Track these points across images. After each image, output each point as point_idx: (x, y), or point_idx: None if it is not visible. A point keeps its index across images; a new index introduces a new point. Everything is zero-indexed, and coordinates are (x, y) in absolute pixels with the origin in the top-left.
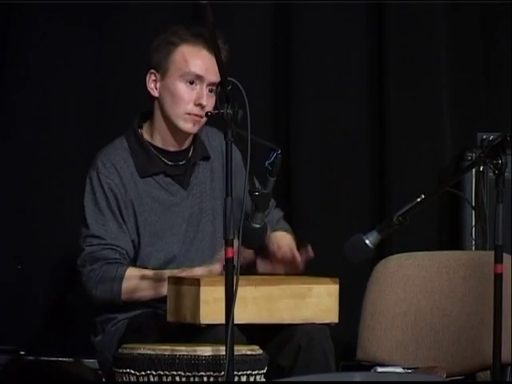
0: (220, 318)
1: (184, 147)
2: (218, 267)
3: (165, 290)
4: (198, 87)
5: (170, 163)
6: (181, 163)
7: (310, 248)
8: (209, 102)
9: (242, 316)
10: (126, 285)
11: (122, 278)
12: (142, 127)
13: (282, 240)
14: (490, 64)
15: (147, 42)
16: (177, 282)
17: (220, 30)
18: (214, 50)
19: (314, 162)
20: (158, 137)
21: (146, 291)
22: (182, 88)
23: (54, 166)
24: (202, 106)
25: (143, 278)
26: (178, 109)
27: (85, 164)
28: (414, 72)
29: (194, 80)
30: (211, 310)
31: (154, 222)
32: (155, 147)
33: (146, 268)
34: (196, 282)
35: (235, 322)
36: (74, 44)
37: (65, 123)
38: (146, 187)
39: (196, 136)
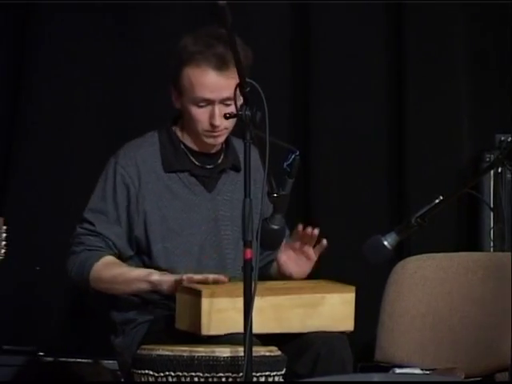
0: (222, 329)
1: (213, 151)
2: (212, 277)
3: (137, 286)
4: (209, 107)
5: (197, 163)
6: (208, 166)
7: (324, 240)
8: (224, 116)
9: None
10: (94, 274)
11: (92, 265)
12: (176, 124)
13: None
14: (508, 66)
15: (167, 44)
16: (183, 291)
17: (238, 31)
18: (233, 52)
19: (333, 163)
20: (189, 138)
21: (106, 285)
22: (195, 110)
23: (72, 168)
24: (214, 126)
25: (112, 268)
26: (196, 128)
27: (104, 162)
28: (433, 74)
29: (204, 103)
30: (212, 321)
31: (172, 219)
32: (186, 146)
33: (156, 267)
34: (198, 293)
35: (241, 331)
36: (95, 44)
37: (86, 124)
38: (168, 182)
39: (228, 144)
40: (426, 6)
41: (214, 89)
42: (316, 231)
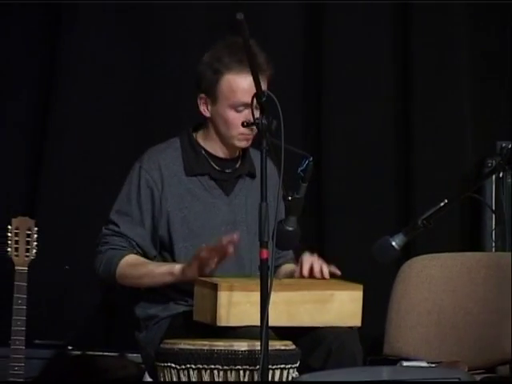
0: (236, 321)
1: (234, 156)
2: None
3: (161, 279)
4: (246, 111)
5: (217, 168)
6: (227, 171)
7: (337, 270)
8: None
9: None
10: (120, 270)
11: (117, 263)
12: (197, 132)
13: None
14: (508, 76)
15: (190, 52)
16: (201, 284)
17: (259, 43)
18: (250, 63)
19: (344, 168)
20: (210, 144)
21: (133, 280)
22: (232, 115)
23: (100, 171)
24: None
25: (137, 266)
26: (232, 132)
27: (129, 168)
28: (438, 85)
29: (242, 107)
30: (228, 313)
31: (192, 219)
32: (206, 151)
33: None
34: (215, 287)
35: (254, 323)
36: (120, 52)
37: (113, 128)
38: (189, 185)
39: (245, 152)
40: (432, 22)
41: (252, 92)
42: (325, 271)
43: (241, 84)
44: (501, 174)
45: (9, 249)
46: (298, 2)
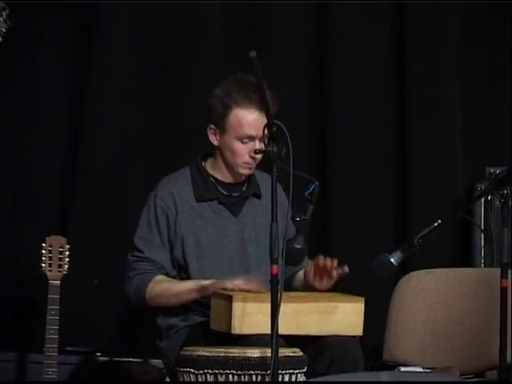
0: (250, 330)
1: (240, 181)
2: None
3: (186, 297)
4: (251, 143)
5: (225, 193)
6: (234, 194)
7: (346, 267)
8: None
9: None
10: (150, 292)
11: (146, 287)
12: (206, 160)
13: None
14: (496, 107)
15: (201, 89)
16: (217, 296)
17: (267, 81)
18: (261, 95)
19: (346, 191)
20: (218, 171)
21: (162, 300)
22: (238, 146)
23: (123, 196)
24: (255, 158)
25: (163, 287)
26: (236, 160)
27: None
28: (432, 116)
29: (247, 139)
30: (242, 322)
31: (204, 241)
32: (214, 178)
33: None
34: (230, 298)
35: (266, 332)
36: (143, 90)
37: (133, 159)
38: (200, 210)
39: (251, 175)
40: (426, 46)
41: (258, 127)
42: (334, 262)
43: (247, 118)
44: (489, 198)
45: (43, 264)
46: (303, 29)
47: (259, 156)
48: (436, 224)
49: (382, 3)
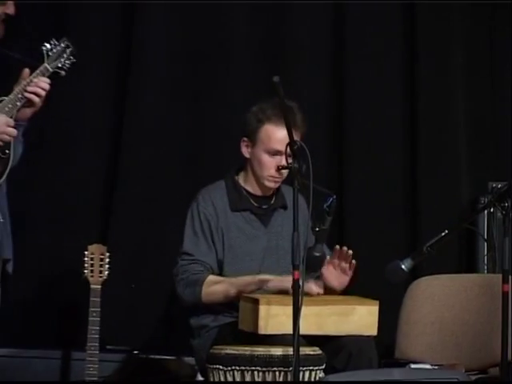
0: (274, 330)
1: (268, 194)
2: (289, 283)
3: (232, 294)
4: (278, 157)
5: (255, 204)
6: (264, 206)
7: (354, 261)
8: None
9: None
10: (205, 290)
11: (202, 284)
12: (238, 174)
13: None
14: (498, 127)
15: (234, 109)
16: (245, 300)
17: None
18: (284, 115)
19: (361, 204)
20: (249, 184)
21: (219, 296)
22: (266, 158)
23: (160, 206)
24: (280, 172)
25: (219, 285)
26: (263, 173)
27: (186, 202)
28: (439, 135)
29: (275, 153)
30: (267, 322)
31: (237, 248)
32: (246, 191)
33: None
34: (257, 301)
35: (288, 332)
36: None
37: (171, 170)
38: (234, 219)
39: (278, 189)
40: (432, 68)
41: (284, 143)
42: (350, 251)
43: (276, 134)
44: (491, 210)
45: (85, 270)
46: (322, 49)
47: (284, 172)
48: (443, 234)
49: (392, 29)
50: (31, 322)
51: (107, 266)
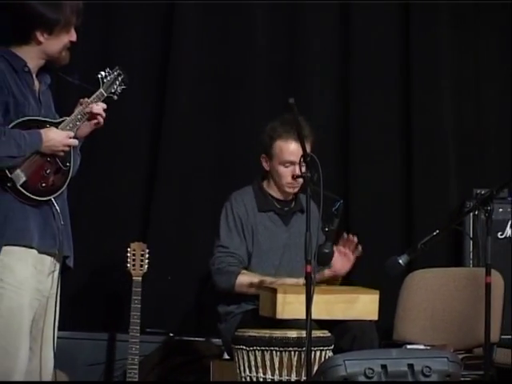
0: (290, 315)
1: (289, 199)
2: (302, 281)
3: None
4: (292, 167)
5: (278, 206)
6: (285, 209)
7: (360, 247)
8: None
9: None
10: (238, 281)
11: (237, 275)
12: (263, 181)
13: None
14: (483, 139)
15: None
16: (265, 289)
17: (305, 119)
18: (298, 133)
19: (364, 208)
20: (272, 189)
21: (248, 288)
22: (282, 169)
23: (191, 206)
24: (295, 179)
25: (249, 279)
26: (282, 181)
27: (214, 206)
28: (431, 147)
29: (289, 163)
30: (284, 309)
31: (262, 243)
32: (270, 195)
33: (254, 273)
34: (275, 291)
35: (302, 317)
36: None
37: (205, 176)
38: (261, 218)
39: (297, 196)
40: (426, 99)
41: (296, 154)
42: (355, 238)
43: (287, 148)
44: (476, 212)
45: (128, 265)
46: (331, 72)
47: (300, 180)
48: (435, 233)
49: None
50: (83, 308)
51: (147, 260)
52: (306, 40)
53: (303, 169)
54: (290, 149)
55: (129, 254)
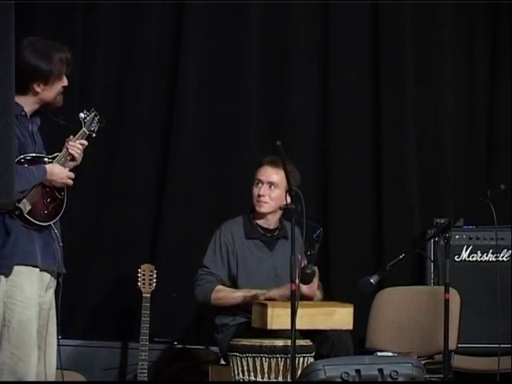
0: (279, 326)
1: (272, 227)
2: (284, 292)
3: (235, 301)
4: (260, 185)
5: (263, 233)
6: (269, 235)
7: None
8: (268, 194)
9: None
10: (213, 295)
11: (212, 290)
12: (252, 212)
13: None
14: (442, 175)
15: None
16: (257, 304)
17: (291, 160)
18: (284, 171)
19: (342, 234)
20: (258, 219)
21: (222, 300)
22: (253, 189)
23: (192, 234)
24: (260, 195)
25: (223, 294)
26: (253, 200)
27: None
28: (397, 184)
29: (258, 182)
30: (274, 321)
31: (249, 266)
32: (257, 224)
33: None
34: (265, 305)
35: (289, 328)
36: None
37: (206, 205)
38: (248, 244)
39: (281, 224)
40: (391, 131)
41: (266, 176)
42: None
43: (260, 169)
44: (436, 239)
45: (139, 283)
46: (312, 112)
47: (264, 199)
48: (401, 256)
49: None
50: (98, 320)
51: (155, 279)
52: (289, 94)
53: (289, 200)
54: (262, 170)
55: (139, 274)
